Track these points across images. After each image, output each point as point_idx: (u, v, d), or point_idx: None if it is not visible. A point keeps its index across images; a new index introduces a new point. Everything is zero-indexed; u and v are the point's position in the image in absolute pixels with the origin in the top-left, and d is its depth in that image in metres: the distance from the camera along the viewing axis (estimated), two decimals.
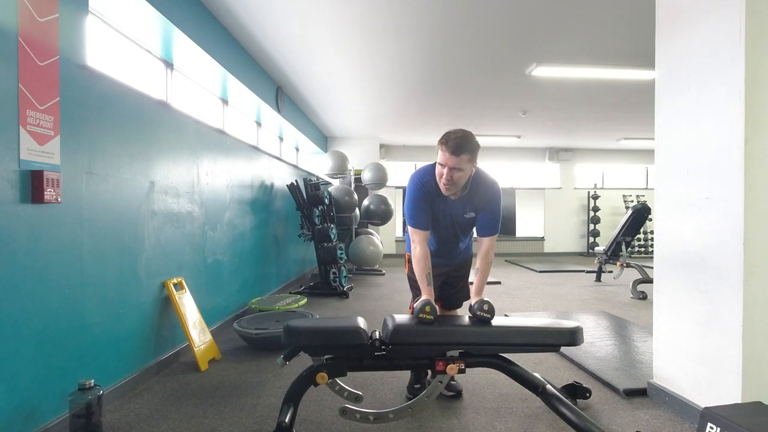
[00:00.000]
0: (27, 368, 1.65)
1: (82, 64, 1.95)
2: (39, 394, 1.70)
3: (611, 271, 6.32)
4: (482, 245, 1.99)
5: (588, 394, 2.12)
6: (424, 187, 1.93)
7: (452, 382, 2.24)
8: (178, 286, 2.71)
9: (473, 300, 1.89)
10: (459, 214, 1.98)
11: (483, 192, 1.94)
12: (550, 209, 10.17)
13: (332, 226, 5.27)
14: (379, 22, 3.50)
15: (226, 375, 2.53)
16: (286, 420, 1.61)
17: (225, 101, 4.45)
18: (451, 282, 2.24)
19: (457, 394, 2.23)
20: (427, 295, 1.86)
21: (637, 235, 7.76)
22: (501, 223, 2.00)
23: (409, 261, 2.16)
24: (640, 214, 5.50)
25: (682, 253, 2.04)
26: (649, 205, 5.51)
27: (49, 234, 1.75)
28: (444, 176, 1.81)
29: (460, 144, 1.76)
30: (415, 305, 1.79)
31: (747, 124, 1.69)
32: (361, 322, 1.77)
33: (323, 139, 8.56)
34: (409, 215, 1.96)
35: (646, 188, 10.47)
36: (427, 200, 1.93)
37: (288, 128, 6.09)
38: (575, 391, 2.11)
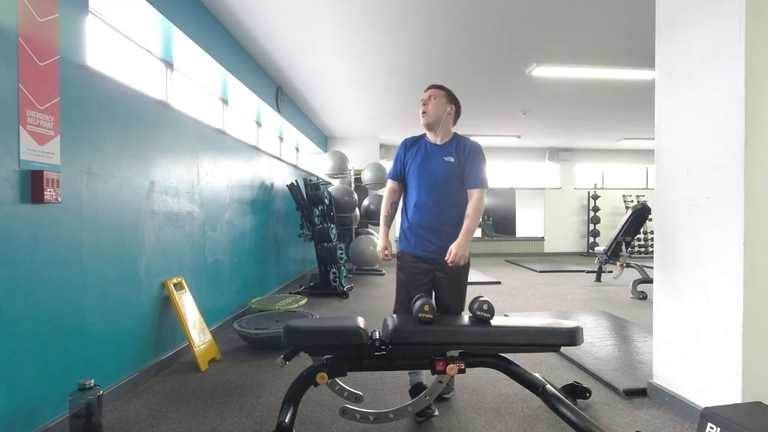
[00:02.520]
0: (27, 368, 1.65)
1: (82, 64, 1.95)
2: (39, 394, 1.70)
3: (611, 271, 6.32)
4: (472, 196, 2.07)
5: (588, 394, 2.12)
6: (407, 143, 2.22)
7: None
8: (178, 286, 2.71)
9: (455, 243, 1.98)
10: (439, 158, 2.10)
11: (465, 143, 2.13)
12: (550, 209, 10.17)
13: (332, 226, 5.27)
14: (380, 22, 3.51)
15: (226, 375, 2.53)
16: (286, 420, 1.61)
17: (225, 101, 4.45)
18: (441, 283, 2.09)
19: (449, 396, 2.23)
20: (384, 236, 2.19)
21: (637, 235, 7.76)
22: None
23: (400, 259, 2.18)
24: (640, 214, 5.50)
25: (681, 253, 2.04)
26: (649, 205, 5.51)
27: (49, 234, 1.75)
28: (422, 105, 2.12)
29: (434, 83, 2.18)
30: (414, 305, 1.79)
31: (747, 124, 1.69)
32: (361, 322, 1.77)
33: (323, 139, 8.56)
34: (390, 170, 2.25)
35: (646, 188, 10.47)
36: (406, 153, 2.19)
37: (288, 128, 6.09)
38: (575, 391, 2.11)
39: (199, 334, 2.71)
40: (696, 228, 1.95)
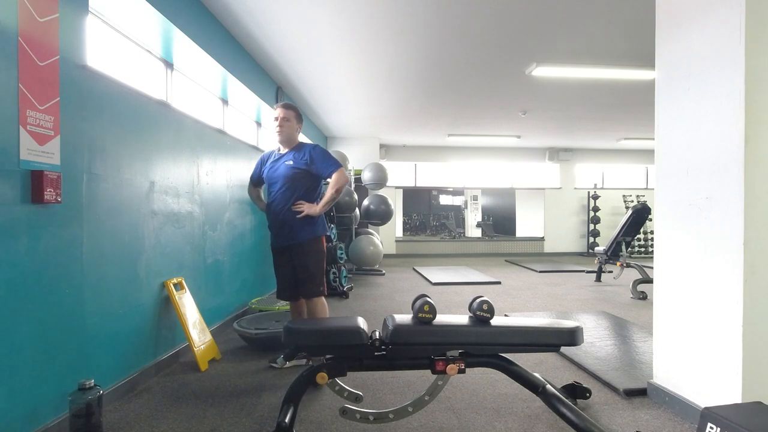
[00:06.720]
0: (27, 368, 1.65)
1: (82, 64, 1.95)
2: (39, 394, 1.70)
3: (611, 271, 6.32)
4: (331, 179, 2.52)
5: (588, 394, 2.12)
6: (263, 155, 2.75)
7: None
8: (178, 286, 2.71)
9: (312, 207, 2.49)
10: (283, 163, 2.56)
11: (305, 147, 2.58)
12: (550, 209, 10.17)
13: (332, 226, 5.27)
14: (380, 22, 3.50)
15: (226, 375, 2.53)
16: (286, 420, 1.61)
17: (225, 101, 4.44)
18: (298, 267, 2.63)
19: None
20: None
21: (637, 235, 7.75)
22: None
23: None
24: (640, 214, 5.50)
25: (681, 253, 2.04)
26: (649, 205, 5.50)
27: (49, 234, 1.75)
28: (277, 124, 2.53)
29: (287, 103, 2.63)
30: (414, 305, 1.79)
31: (747, 124, 1.69)
32: (361, 322, 1.77)
33: (323, 139, 8.55)
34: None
35: (646, 188, 10.47)
36: (262, 163, 2.72)
37: None
38: (575, 391, 2.11)
39: (199, 334, 2.71)
40: (696, 228, 1.95)
